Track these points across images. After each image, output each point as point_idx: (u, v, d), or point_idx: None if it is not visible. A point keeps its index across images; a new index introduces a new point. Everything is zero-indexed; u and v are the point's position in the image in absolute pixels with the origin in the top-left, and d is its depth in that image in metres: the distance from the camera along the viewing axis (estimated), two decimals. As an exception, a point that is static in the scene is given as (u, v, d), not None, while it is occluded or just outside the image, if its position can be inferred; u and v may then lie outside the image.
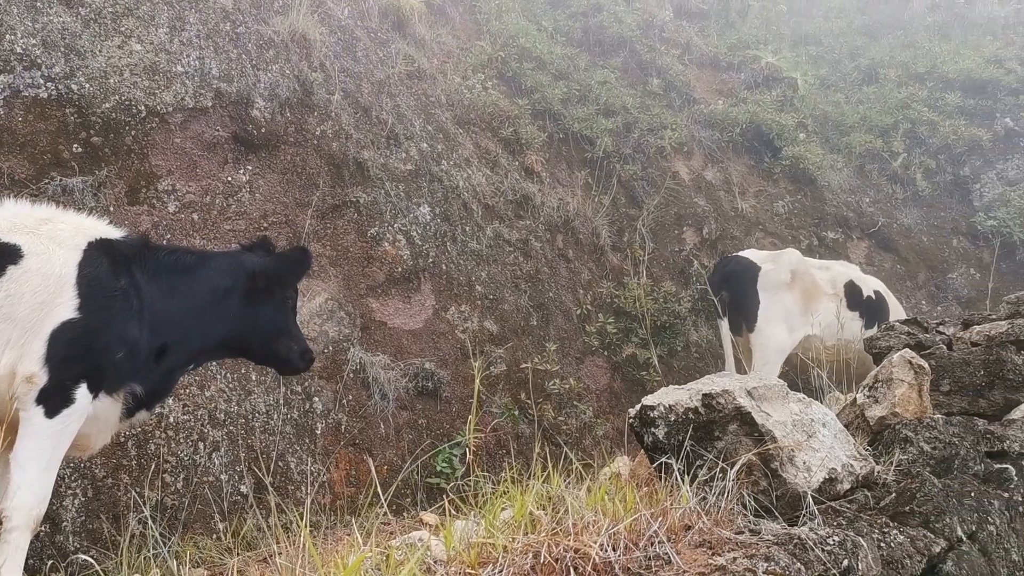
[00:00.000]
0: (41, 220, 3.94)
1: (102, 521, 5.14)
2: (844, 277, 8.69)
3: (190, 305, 4.25)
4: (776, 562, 2.93)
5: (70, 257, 3.85)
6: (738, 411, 3.86)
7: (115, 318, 3.89)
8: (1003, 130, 13.32)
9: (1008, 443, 4.99)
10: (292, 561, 2.81)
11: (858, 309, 8.53)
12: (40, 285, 3.74)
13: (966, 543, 3.99)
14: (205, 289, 4.32)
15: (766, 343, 8.13)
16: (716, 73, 14.57)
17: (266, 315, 4.51)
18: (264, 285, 4.47)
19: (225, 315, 4.37)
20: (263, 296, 4.48)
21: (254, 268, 4.47)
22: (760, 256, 8.70)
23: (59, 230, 3.93)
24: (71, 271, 3.81)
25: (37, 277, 3.74)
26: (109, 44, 6.37)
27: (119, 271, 3.97)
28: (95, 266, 3.89)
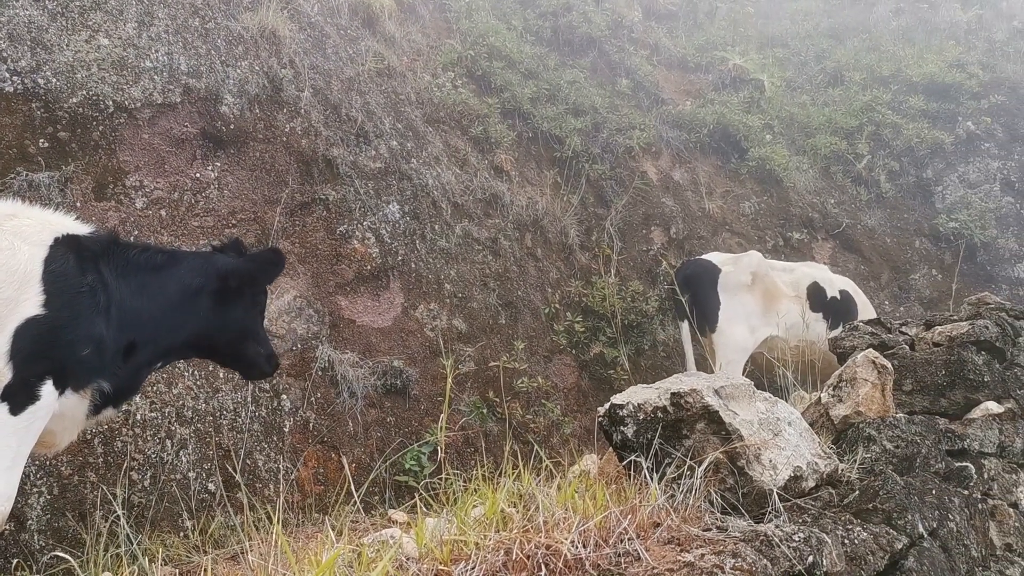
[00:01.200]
0: (6, 216, 3.87)
1: (68, 519, 5.10)
2: (808, 279, 8.80)
3: (160, 303, 4.21)
4: (743, 558, 2.98)
5: (36, 253, 3.79)
6: (706, 410, 3.91)
7: (81, 315, 3.83)
8: (965, 133, 13.54)
9: (968, 442, 5.10)
10: (264, 558, 2.81)
11: (822, 310, 8.66)
12: (4, 281, 3.67)
13: (927, 540, 4.07)
14: (176, 288, 4.27)
15: (727, 343, 8.25)
16: (684, 74, 14.68)
17: (236, 316, 4.49)
18: (236, 285, 4.44)
19: (195, 314, 4.33)
20: (233, 297, 4.45)
21: (226, 268, 4.44)
22: (721, 259, 8.80)
23: (24, 226, 3.86)
24: (37, 267, 3.75)
25: (1, 273, 3.67)
26: (76, 38, 6.31)
27: (86, 267, 3.92)
28: (61, 262, 3.83)
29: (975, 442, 5.14)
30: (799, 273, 8.91)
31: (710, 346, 8.53)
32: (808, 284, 8.74)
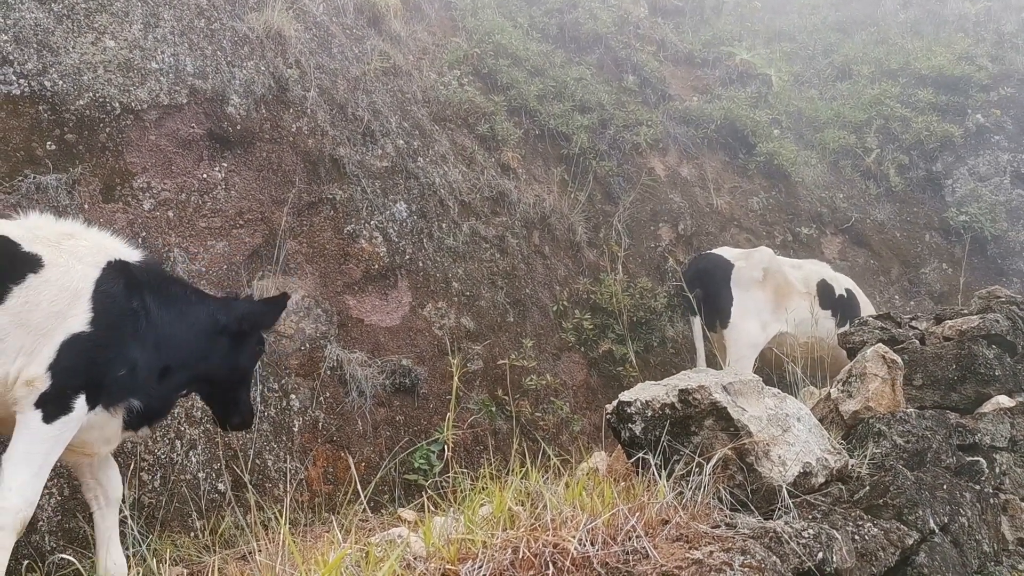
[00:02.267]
0: (64, 235, 4.08)
1: (79, 520, 5.11)
2: (816, 276, 8.79)
3: (193, 335, 4.46)
4: (752, 555, 2.96)
5: (89, 273, 4.00)
6: (714, 406, 3.90)
7: (123, 337, 4.04)
8: (974, 126, 13.47)
9: (979, 436, 5.08)
10: (272, 559, 2.81)
11: (831, 307, 8.64)
12: (57, 296, 3.86)
13: (938, 535, 4.05)
14: (206, 323, 4.53)
15: (739, 338, 8.22)
16: (691, 70, 14.63)
17: (243, 360, 4.78)
18: (247, 327, 4.71)
19: (216, 350, 4.58)
20: (244, 340, 4.72)
21: (242, 311, 4.72)
22: (733, 254, 8.77)
23: (81, 246, 4.08)
24: (88, 287, 3.95)
25: (55, 288, 3.87)
26: (82, 40, 6.32)
27: (133, 293, 4.13)
28: (111, 285, 4.05)
29: (986, 436, 5.12)
30: (807, 269, 8.90)
31: (720, 341, 8.51)
32: (817, 280, 8.73)
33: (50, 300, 3.85)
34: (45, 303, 3.83)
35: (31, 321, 3.79)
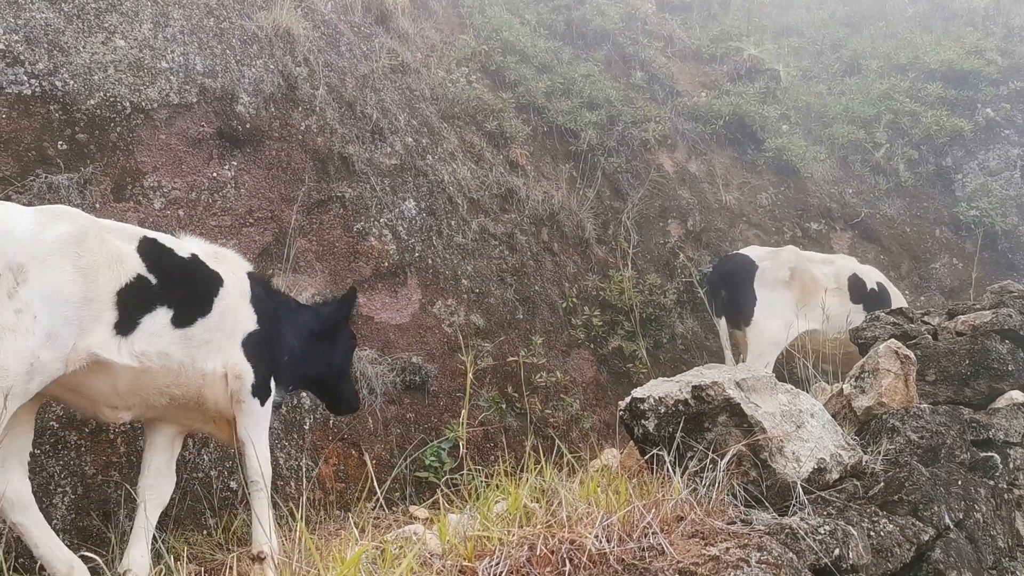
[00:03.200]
0: (214, 256, 4.76)
1: (93, 518, 5.13)
2: (848, 271, 8.80)
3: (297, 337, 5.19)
4: (769, 552, 2.96)
5: (244, 283, 4.79)
6: (728, 402, 3.89)
7: (276, 330, 4.94)
8: (984, 120, 13.41)
9: (993, 431, 5.06)
10: (289, 556, 2.81)
11: (862, 302, 8.63)
12: (235, 304, 4.64)
13: (953, 531, 4.04)
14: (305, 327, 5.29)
15: (761, 336, 8.21)
16: (699, 65, 14.60)
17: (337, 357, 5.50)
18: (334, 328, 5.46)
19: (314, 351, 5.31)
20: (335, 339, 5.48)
21: (325, 315, 5.48)
22: (759, 254, 8.77)
23: (230, 261, 4.86)
24: (247, 293, 4.76)
25: (233, 297, 4.63)
26: (93, 40, 6.33)
27: (267, 296, 4.97)
28: (257, 291, 4.86)
29: (1000, 432, 5.11)
30: (839, 265, 8.90)
31: (743, 340, 8.51)
32: (848, 276, 8.74)
33: (233, 307, 4.61)
34: (230, 310, 4.58)
35: (224, 326, 4.52)
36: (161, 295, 4.18)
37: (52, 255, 3.71)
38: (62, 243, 3.75)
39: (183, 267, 4.39)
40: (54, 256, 3.71)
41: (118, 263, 3.99)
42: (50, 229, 3.75)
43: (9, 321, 3.52)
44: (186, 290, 4.36)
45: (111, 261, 3.95)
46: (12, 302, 3.55)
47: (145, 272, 4.10)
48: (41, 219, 3.78)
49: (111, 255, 3.96)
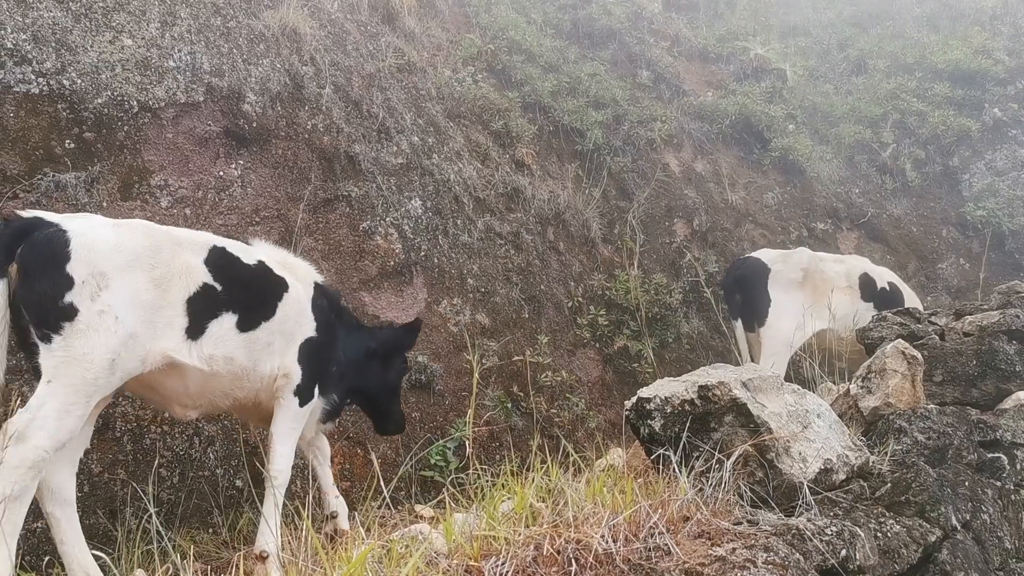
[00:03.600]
0: (282, 263, 5.10)
1: (99, 516, 5.14)
2: (858, 270, 8.87)
3: (355, 352, 5.52)
4: (775, 552, 2.95)
5: (308, 291, 5.13)
6: (734, 402, 3.88)
7: (332, 341, 5.24)
8: (992, 120, 13.38)
9: (1000, 432, 5.05)
10: (295, 555, 2.82)
11: (872, 300, 8.68)
12: (296, 309, 4.96)
13: (960, 532, 4.03)
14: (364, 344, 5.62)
15: (775, 336, 8.26)
16: (705, 65, 14.58)
17: (391, 377, 5.84)
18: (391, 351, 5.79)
19: (369, 368, 5.64)
20: (391, 361, 5.80)
21: (384, 337, 5.79)
22: (770, 256, 8.85)
23: (297, 268, 5.22)
24: (308, 301, 5.09)
25: (295, 303, 4.96)
26: (100, 39, 6.34)
27: (329, 308, 5.29)
28: (320, 300, 5.19)
29: (1007, 432, 5.09)
30: (850, 264, 8.98)
31: (757, 341, 8.54)
32: (859, 274, 8.80)
33: (294, 312, 4.93)
34: (292, 315, 4.90)
35: (285, 329, 4.85)
36: (226, 301, 4.51)
37: (130, 266, 4.09)
38: (138, 255, 4.14)
39: (248, 274, 4.73)
40: (131, 267, 4.10)
41: (187, 274, 4.33)
42: (128, 242, 4.15)
43: (93, 321, 3.91)
44: (251, 295, 4.70)
45: (181, 272, 4.30)
46: (95, 304, 3.93)
47: (211, 280, 4.43)
48: (121, 232, 4.17)
49: (181, 267, 4.31)
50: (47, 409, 3.76)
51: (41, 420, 3.74)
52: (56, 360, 3.85)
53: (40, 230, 3.97)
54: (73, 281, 3.92)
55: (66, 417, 3.80)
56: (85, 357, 3.87)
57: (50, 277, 3.90)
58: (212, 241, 4.61)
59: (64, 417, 3.80)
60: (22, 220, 3.99)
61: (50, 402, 3.78)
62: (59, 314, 3.87)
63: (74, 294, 3.90)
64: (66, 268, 3.92)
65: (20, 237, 3.95)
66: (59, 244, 3.95)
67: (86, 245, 3.99)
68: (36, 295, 3.89)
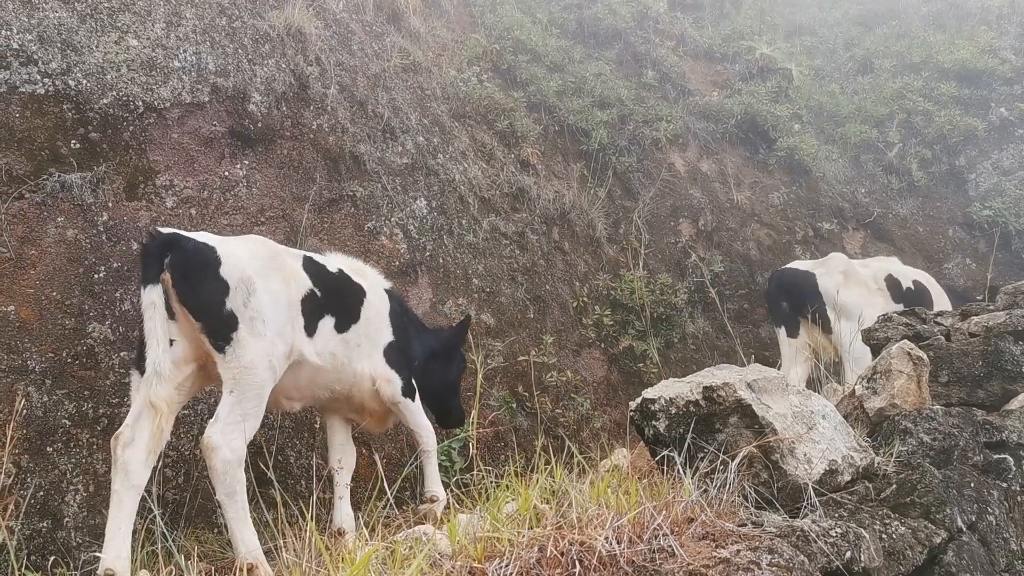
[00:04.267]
0: (359, 271, 5.60)
1: (104, 516, 5.14)
2: (884, 271, 9.01)
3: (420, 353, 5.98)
4: (780, 554, 2.95)
5: (382, 297, 5.64)
6: (739, 403, 3.88)
7: (407, 343, 5.77)
8: (998, 120, 13.32)
9: (1007, 433, 5.03)
10: (299, 556, 2.82)
11: (901, 301, 8.73)
12: (376, 315, 5.46)
13: (966, 534, 4.02)
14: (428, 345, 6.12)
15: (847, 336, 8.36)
16: (711, 64, 14.56)
17: (452, 374, 6.37)
18: (450, 350, 6.32)
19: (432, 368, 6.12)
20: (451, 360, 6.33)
21: (443, 338, 6.34)
22: (810, 264, 9.07)
23: (370, 276, 5.69)
24: (386, 307, 5.63)
25: (374, 309, 5.45)
26: (106, 39, 6.35)
27: (401, 312, 5.83)
28: (393, 305, 5.73)
29: (1013, 434, 5.07)
30: (875, 267, 9.13)
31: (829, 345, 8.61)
32: (885, 276, 8.90)
33: (375, 318, 5.43)
34: (373, 320, 5.40)
35: (369, 332, 5.36)
36: (326, 304, 5.01)
37: (264, 270, 4.60)
38: (267, 261, 4.66)
39: (336, 281, 5.21)
40: (266, 271, 4.60)
41: (297, 278, 4.84)
42: (256, 250, 4.68)
43: (249, 328, 4.40)
44: (341, 300, 5.19)
45: (294, 276, 4.82)
46: (247, 310, 4.41)
47: (312, 285, 4.91)
48: (248, 244, 4.73)
49: (291, 272, 4.82)
50: (234, 415, 4.31)
51: (232, 426, 4.28)
52: (232, 372, 4.35)
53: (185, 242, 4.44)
54: (229, 286, 4.39)
55: (250, 418, 4.40)
56: (252, 364, 4.37)
57: (210, 282, 4.36)
58: (303, 252, 5.15)
59: (248, 419, 4.38)
60: (165, 234, 4.46)
61: (236, 409, 4.32)
62: (227, 323, 4.35)
63: (231, 300, 4.38)
64: (220, 273, 4.39)
65: (167, 249, 4.38)
66: (209, 253, 4.43)
67: (228, 253, 4.47)
68: (203, 301, 4.36)
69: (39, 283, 5.50)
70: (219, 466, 4.24)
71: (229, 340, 4.35)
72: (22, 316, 5.37)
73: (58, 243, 5.65)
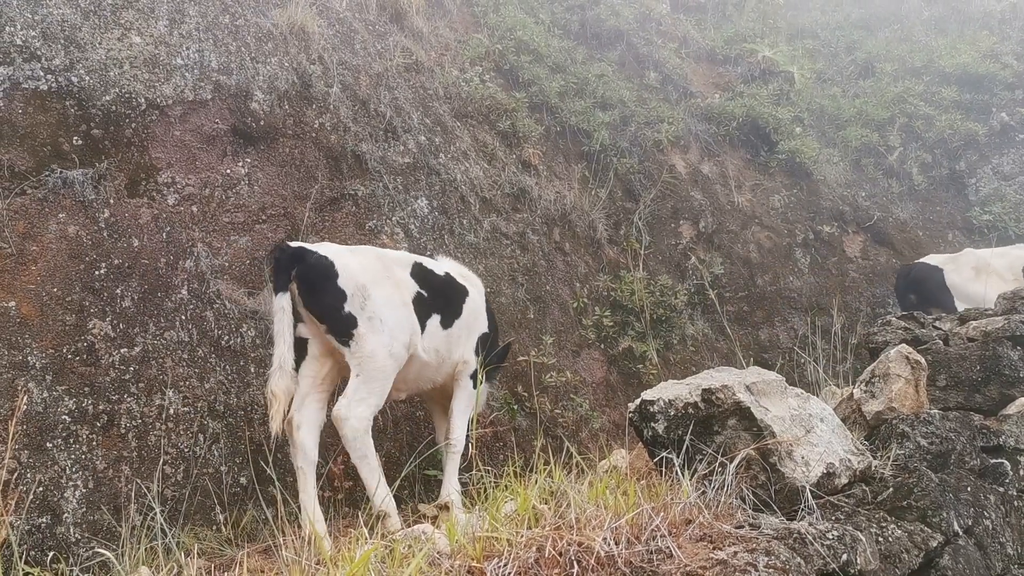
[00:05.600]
0: (464, 276, 6.36)
1: (103, 512, 5.16)
2: (1020, 261, 9.07)
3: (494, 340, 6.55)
4: (776, 556, 2.96)
5: (480, 296, 6.37)
6: (737, 406, 3.89)
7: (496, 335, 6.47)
8: (999, 125, 13.34)
9: (1004, 438, 5.05)
10: (299, 554, 2.83)
11: None
12: (474, 310, 6.17)
13: (962, 537, 4.04)
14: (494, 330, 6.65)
15: None
16: (713, 66, 14.57)
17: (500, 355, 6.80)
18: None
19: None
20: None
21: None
22: (939, 259, 9.32)
23: (470, 279, 6.41)
24: (482, 303, 6.36)
25: (473, 305, 6.17)
26: (109, 36, 6.36)
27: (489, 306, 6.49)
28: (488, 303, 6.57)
29: (1011, 438, 5.09)
30: (1012, 256, 9.27)
31: None
32: (1022, 266, 8.95)
33: (474, 312, 6.14)
34: (472, 314, 6.11)
35: (468, 324, 6.06)
36: (432, 304, 5.69)
37: (377, 279, 5.30)
38: (379, 270, 5.35)
39: (442, 283, 5.91)
40: (378, 279, 5.31)
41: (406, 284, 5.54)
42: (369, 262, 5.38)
43: (367, 326, 5.12)
44: (446, 300, 5.86)
45: (403, 283, 5.52)
46: (365, 312, 5.13)
47: (420, 288, 5.62)
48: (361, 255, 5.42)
49: (400, 278, 5.53)
50: (359, 394, 5.05)
51: (357, 401, 5.03)
52: (357, 360, 5.10)
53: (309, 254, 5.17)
54: (346, 294, 5.11)
55: (374, 397, 5.14)
56: (373, 353, 5.10)
57: (330, 291, 5.10)
58: (413, 259, 5.84)
59: (372, 397, 5.13)
60: (292, 248, 5.19)
61: (360, 389, 5.06)
62: (347, 323, 5.10)
63: (349, 304, 5.10)
64: (338, 283, 5.11)
65: (295, 261, 5.10)
66: (328, 265, 5.15)
67: (345, 266, 5.18)
68: (325, 306, 5.11)
69: (40, 279, 5.51)
70: (349, 433, 5.03)
71: (351, 336, 5.09)
72: (23, 312, 5.38)
73: (59, 239, 5.67)
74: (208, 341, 6.16)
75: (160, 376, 5.75)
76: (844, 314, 10.50)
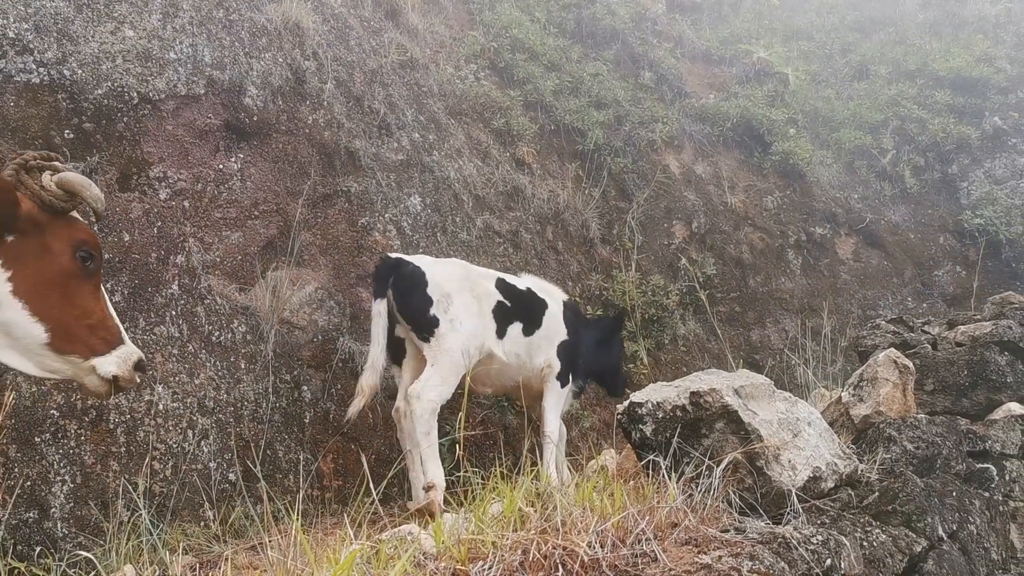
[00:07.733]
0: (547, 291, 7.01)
1: (91, 508, 5.15)
2: None
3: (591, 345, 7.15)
4: (760, 561, 2.97)
5: (560, 308, 6.95)
6: (725, 409, 3.90)
7: (578, 340, 6.96)
8: (992, 129, 13.38)
9: (990, 443, 5.07)
10: (284, 553, 2.83)
11: None
12: (554, 320, 6.80)
13: (947, 542, 4.06)
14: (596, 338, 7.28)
15: None
16: (708, 67, 14.58)
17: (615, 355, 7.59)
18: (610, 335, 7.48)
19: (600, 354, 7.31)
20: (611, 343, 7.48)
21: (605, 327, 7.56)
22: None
23: (552, 293, 7.05)
24: (561, 315, 6.90)
25: (553, 316, 6.81)
26: (102, 30, 6.34)
27: (574, 318, 7.07)
28: (567, 314, 6.98)
29: (997, 443, 5.12)
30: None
31: None
32: None
33: (553, 323, 6.77)
34: (552, 325, 6.75)
35: (548, 335, 6.70)
36: (514, 314, 6.41)
37: (460, 288, 6.07)
38: (462, 281, 6.14)
39: (523, 296, 6.62)
40: (461, 289, 6.07)
41: (489, 294, 6.28)
42: (454, 273, 6.17)
43: (448, 327, 5.85)
44: (527, 311, 6.56)
45: (486, 293, 6.27)
46: (447, 315, 5.88)
47: (503, 299, 6.35)
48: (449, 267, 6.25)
49: (484, 290, 6.28)
50: (434, 380, 5.67)
51: (431, 386, 5.65)
52: (434, 353, 5.79)
53: (404, 265, 5.98)
54: (432, 300, 5.88)
55: (445, 385, 5.73)
56: (449, 350, 5.79)
57: (419, 298, 5.88)
58: (497, 274, 6.62)
59: (443, 385, 5.72)
60: (391, 259, 6.04)
61: (435, 376, 5.70)
62: (430, 323, 5.84)
63: (434, 309, 5.87)
64: (427, 291, 5.90)
65: (392, 270, 5.93)
66: (420, 275, 5.96)
67: (433, 276, 5.98)
68: (413, 310, 5.89)
69: (30, 273, 5.48)
70: (418, 410, 5.57)
71: (432, 334, 5.82)
72: (13, 306, 5.35)
73: (50, 233, 5.64)
74: (198, 337, 6.15)
75: (149, 371, 5.74)
76: (835, 316, 10.54)
